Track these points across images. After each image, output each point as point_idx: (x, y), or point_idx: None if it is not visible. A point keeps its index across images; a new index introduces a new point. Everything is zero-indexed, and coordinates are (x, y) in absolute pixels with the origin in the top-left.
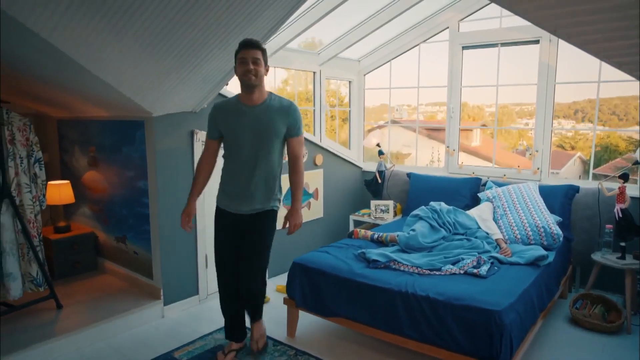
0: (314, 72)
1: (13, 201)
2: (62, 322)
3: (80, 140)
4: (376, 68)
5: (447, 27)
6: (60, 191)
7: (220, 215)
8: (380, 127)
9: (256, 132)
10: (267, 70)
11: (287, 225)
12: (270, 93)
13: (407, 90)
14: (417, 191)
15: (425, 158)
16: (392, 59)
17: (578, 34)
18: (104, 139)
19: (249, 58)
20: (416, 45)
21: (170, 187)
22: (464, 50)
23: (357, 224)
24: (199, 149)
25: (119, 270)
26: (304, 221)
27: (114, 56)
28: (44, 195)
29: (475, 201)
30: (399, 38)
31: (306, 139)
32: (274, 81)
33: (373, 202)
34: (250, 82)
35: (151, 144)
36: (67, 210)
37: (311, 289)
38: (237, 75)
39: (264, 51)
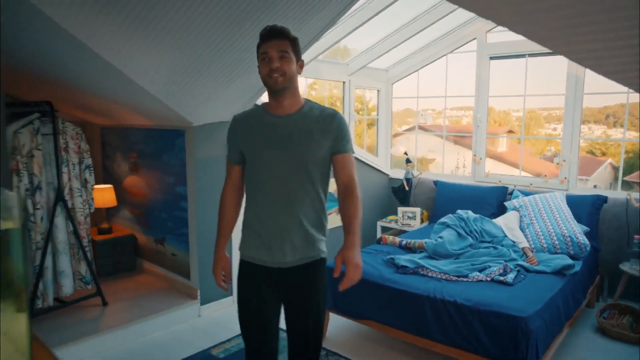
0: (344, 82)
1: (66, 204)
2: (107, 318)
3: (122, 147)
4: (404, 77)
5: (475, 38)
6: (104, 195)
7: (247, 271)
8: (406, 131)
9: (291, 149)
10: (301, 67)
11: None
12: (306, 100)
13: (432, 91)
14: (444, 199)
15: (451, 163)
16: (420, 68)
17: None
18: (145, 146)
19: (273, 52)
20: (444, 56)
21: (208, 193)
22: (491, 61)
23: (384, 230)
24: None
25: (158, 271)
26: (333, 226)
27: (163, 71)
28: (92, 199)
29: (502, 210)
30: (427, 48)
31: None
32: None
33: (400, 209)
34: (277, 86)
35: (191, 152)
36: (108, 213)
37: (341, 292)
38: (261, 77)
39: (294, 41)
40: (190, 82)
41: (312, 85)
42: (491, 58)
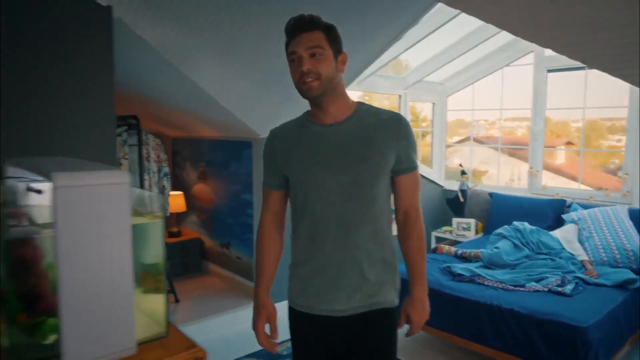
0: (399, 95)
1: None
2: (180, 314)
3: (192, 156)
4: (459, 90)
5: (532, 51)
6: (175, 201)
7: (297, 321)
8: (459, 142)
9: (344, 166)
10: (343, 62)
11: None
12: (360, 103)
13: (487, 104)
14: (499, 210)
15: (505, 176)
16: (475, 81)
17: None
18: (214, 156)
19: (302, 50)
20: (499, 69)
21: None
22: (549, 73)
23: (439, 240)
24: None
25: (223, 273)
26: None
27: (238, 86)
28: (168, 204)
29: (559, 223)
30: (482, 61)
31: None
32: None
33: (455, 220)
34: (312, 93)
35: (258, 161)
36: (178, 218)
37: (400, 297)
38: (294, 84)
39: (328, 30)
40: (262, 96)
41: (361, 98)
42: (549, 71)
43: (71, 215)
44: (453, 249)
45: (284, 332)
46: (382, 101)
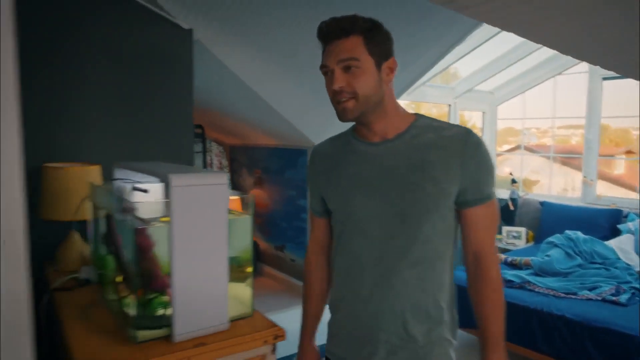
0: (449, 105)
1: None
2: None
3: (248, 163)
4: (509, 99)
5: None
6: (233, 205)
7: None
8: (509, 151)
9: (385, 194)
10: (391, 70)
11: None
12: (418, 115)
13: (538, 113)
14: (551, 220)
15: (558, 185)
16: (526, 90)
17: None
18: (269, 163)
19: (332, 63)
20: (552, 77)
21: None
22: (604, 81)
23: None
24: None
25: (277, 275)
26: None
27: (297, 96)
28: None
29: (615, 233)
30: (534, 70)
31: None
32: None
33: (505, 228)
34: (347, 116)
35: None
36: None
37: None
38: None
39: (370, 33)
40: (317, 105)
41: (407, 105)
42: (604, 79)
43: (183, 210)
44: (503, 256)
45: (321, 338)
46: (431, 109)
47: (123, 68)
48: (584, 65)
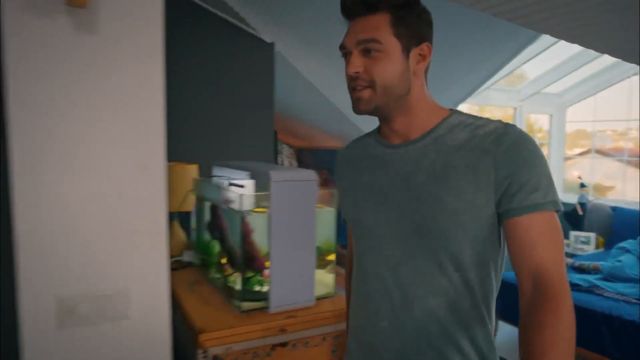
0: (515, 108)
1: None
2: None
3: (314, 164)
4: (579, 101)
5: None
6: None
7: None
8: (580, 155)
9: (402, 207)
10: (423, 57)
11: None
12: (453, 112)
13: (611, 115)
14: (623, 225)
15: (633, 191)
16: (598, 91)
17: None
18: (335, 164)
19: (350, 43)
20: (627, 77)
21: None
22: None
23: None
24: None
25: (341, 272)
26: None
27: None
28: None
29: None
30: (607, 70)
31: None
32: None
33: (572, 233)
34: (361, 107)
35: None
36: None
37: (512, 303)
38: None
39: (399, 13)
40: None
41: (470, 109)
42: None
43: (280, 201)
44: (570, 260)
45: None
46: (494, 112)
47: (215, 79)
48: None
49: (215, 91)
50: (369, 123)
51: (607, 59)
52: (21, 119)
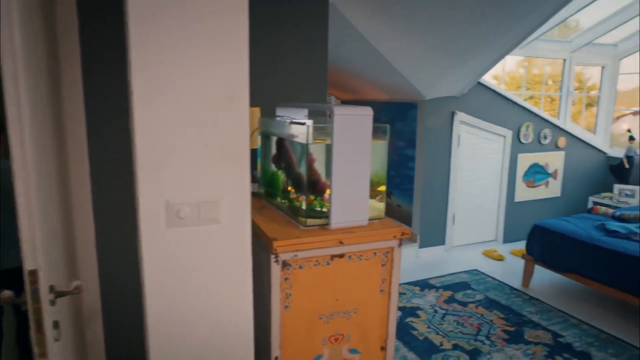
0: (564, 60)
1: None
2: None
3: None
4: (635, 52)
5: None
6: None
7: None
8: (635, 113)
9: None
10: None
11: None
12: None
13: None
14: None
15: None
16: None
17: None
18: (381, 116)
19: None
20: None
21: (432, 156)
22: None
23: (597, 205)
24: (456, 127)
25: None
26: (540, 197)
27: (413, 53)
28: None
29: None
30: None
31: (550, 123)
32: (504, 63)
33: (617, 186)
34: None
35: (422, 121)
36: None
37: (550, 248)
38: None
39: None
40: (431, 61)
41: (520, 62)
42: None
43: (341, 132)
44: (610, 210)
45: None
46: (543, 67)
47: (273, 31)
48: None
49: (274, 42)
50: (417, 75)
51: None
52: (141, 55)
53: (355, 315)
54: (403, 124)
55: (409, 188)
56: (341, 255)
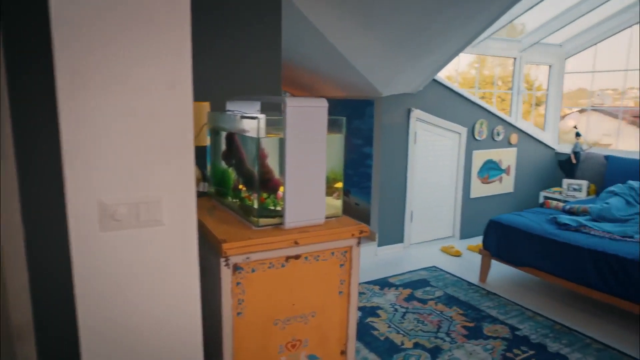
0: (514, 58)
1: None
2: None
3: None
4: (580, 52)
5: None
6: None
7: None
8: (580, 111)
9: None
10: None
11: None
12: None
13: (612, 74)
14: (616, 174)
15: (626, 145)
16: (599, 42)
17: None
18: (338, 114)
19: None
20: (628, 27)
21: (389, 153)
22: None
23: (547, 199)
24: (413, 124)
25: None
26: (494, 193)
27: (371, 49)
28: None
29: None
30: (608, 20)
31: (503, 120)
32: (457, 64)
33: (565, 181)
34: None
35: (379, 118)
36: None
37: (505, 242)
38: None
39: None
40: (388, 56)
41: (472, 64)
42: None
43: (294, 125)
44: (561, 204)
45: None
46: (493, 69)
47: (224, 24)
48: None
49: (223, 36)
50: (374, 72)
51: (607, 9)
52: (65, 34)
53: (313, 319)
54: (360, 122)
55: (367, 186)
56: (297, 257)
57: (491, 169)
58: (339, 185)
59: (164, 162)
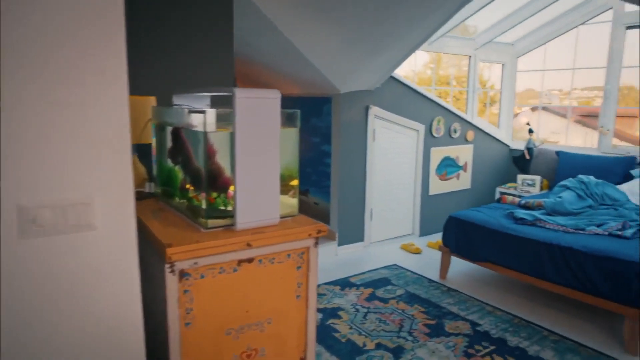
0: (469, 56)
1: None
2: None
3: None
4: (530, 51)
5: (611, 8)
6: None
7: None
8: (532, 109)
9: None
10: None
11: None
12: None
13: (559, 75)
14: (566, 169)
15: (575, 142)
16: (548, 41)
17: None
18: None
19: None
20: (575, 27)
21: (348, 151)
22: (628, 30)
23: (503, 195)
24: (371, 121)
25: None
26: (452, 190)
27: (328, 45)
28: None
29: (628, 179)
30: (557, 20)
31: (459, 117)
32: (414, 64)
33: (520, 176)
34: None
35: (337, 116)
36: None
37: (464, 239)
38: None
39: None
40: (346, 52)
41: (427, 64)
42: (628, 27)
43: (244, 118)
44: (517, 199)
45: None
46: (448, 69)
47: (172, 16)
48: (608, 15)
49: (172, 26)
50: (332, 68)
51: (558, 7)
52: None
53: (270, 326)
54: (318, 119)
55: (326, 185)
56: (250, 260)
57: (449, 166)
58: (295, 182)
59: (96, 160)
